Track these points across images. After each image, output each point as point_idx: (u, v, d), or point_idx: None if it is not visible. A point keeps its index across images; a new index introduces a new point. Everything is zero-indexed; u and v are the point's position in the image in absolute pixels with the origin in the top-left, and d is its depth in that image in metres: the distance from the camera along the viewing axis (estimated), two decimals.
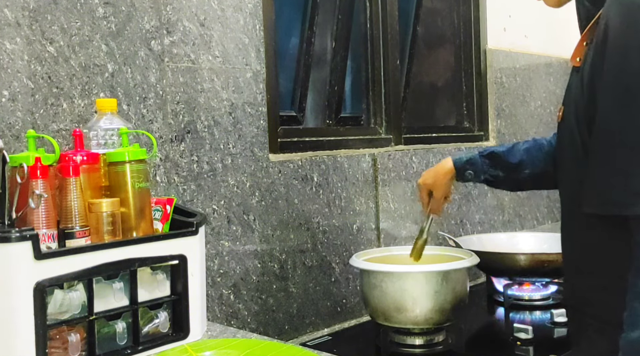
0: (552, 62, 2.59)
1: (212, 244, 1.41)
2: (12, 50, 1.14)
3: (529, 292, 1.78)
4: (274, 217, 1.54)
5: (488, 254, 1.68)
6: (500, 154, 1.39)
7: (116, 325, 1.04)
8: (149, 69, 1.32)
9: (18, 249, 0.91)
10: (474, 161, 1.40)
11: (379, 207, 1.80)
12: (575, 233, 1.08)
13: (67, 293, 0.98)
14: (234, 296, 1.46)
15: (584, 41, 1.03)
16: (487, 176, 1.40)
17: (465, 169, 1.40)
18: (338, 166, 1.70)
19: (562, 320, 1.57)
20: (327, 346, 1.46)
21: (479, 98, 2.30)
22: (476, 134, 2.28)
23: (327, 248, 1.67)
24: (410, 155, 1.92)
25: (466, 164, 1.40)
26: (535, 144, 1.38)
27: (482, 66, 2.30)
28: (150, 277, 1.09)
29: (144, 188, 1.11)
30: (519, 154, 1.37)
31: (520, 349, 1.41)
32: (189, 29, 1.39)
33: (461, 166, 1.41)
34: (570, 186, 1.07)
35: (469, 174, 1.40)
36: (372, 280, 1.42)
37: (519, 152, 1.37)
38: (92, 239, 1.04)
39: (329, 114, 1.88)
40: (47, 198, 1.01)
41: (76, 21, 1.22)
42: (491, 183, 1.44)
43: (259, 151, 1.52)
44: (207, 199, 1.41)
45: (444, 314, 1.40)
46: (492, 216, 2.23)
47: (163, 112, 1.34)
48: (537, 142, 1.38)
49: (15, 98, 1.14)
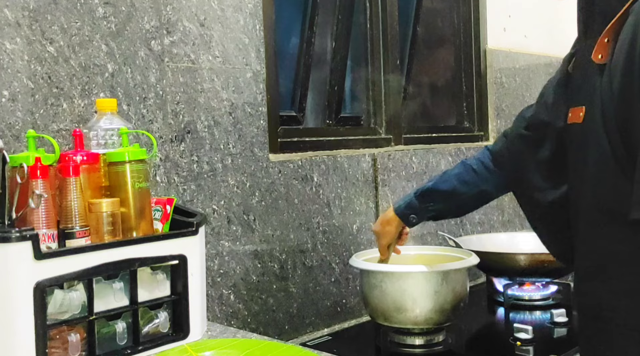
0: (552, 62, 2.58)
1: (212, 244, 1.41)
2: (12, 50, 1.14)
3: (529, 292, 1.78)
4: (274, 217, 1.54)
5: (488, 254, 1.68)
6: (432, 188, 1.38)
7: (116, 325, 1.04)
8: (149, 69, 1.32)
9: (18, 249, 0.91)
10: (412, 205, 1.39)
11: (379, 207, 1.80)
12: (596, 237, 1.04)
13: (67, 293, 0.98)
14: (234, 296, 1.46)
15: (605, 38, 0.98)
16: (431, 213, 1.39)
17: (407, 215, 1.40)
18: (338, 166, 1.70)
19: (562, 320, 1.57)
20: (327, 346, 1.46)
21: (479, 98, 2.30)
22: (476, 134, 2.28)
23: (327, 248, 1.67)
24: (410, 155, 1.92)
25: (405, 209, 1.40)
26: (464, 167, 1.37)
27: (482, 66, 2.30)
28: (150, 277, 1.09)
29: (144, 188, 1.11)
30: (450, 182, 1.37)
31: (520, 349, 1.41)
32: (189, 29, 1.39)
33: (401, 213, 1.40)
34: (593, 190, 1.03)
35: (412, 218, 1.39)
36: (372, 280, 1.42)
37: (450, 180, 1.37)
38: (92, 239, 1.04)
39: (329, 114, 1.88)
40: (47, 198, 1.01)
41: (76, 21, 1.22)
42: (437, 217, 1.44)
43: (259, 151, 1.52)
44: (207, 199, 1.41)
45: (444, 314, 1.40)
46: (492, 216, 2.23)
47: (163, 112, 1.34)
48: (466, 165, 1.37)
49: (15, 98, 1.14)
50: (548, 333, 1.54)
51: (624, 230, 0.96)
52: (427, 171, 1.96)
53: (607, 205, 0.98)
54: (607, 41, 0.97)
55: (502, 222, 2.28)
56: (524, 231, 2.30)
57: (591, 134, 1.01)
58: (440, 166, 1.99)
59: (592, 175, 1.02)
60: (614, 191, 0.96)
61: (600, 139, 0.98)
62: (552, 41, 2.59)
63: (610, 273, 1.01)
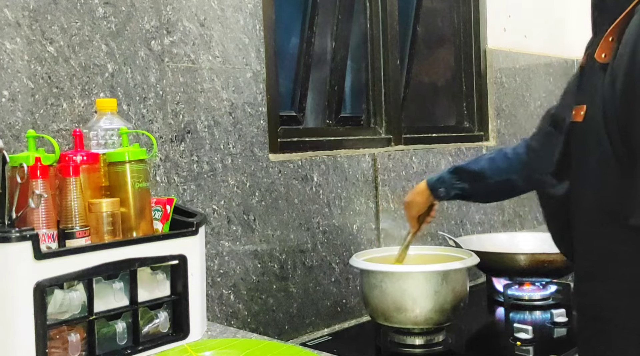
0: (552, 62, 2.59)
1: (212, 244, 1.41)
2: (12, 50, 1.14)
3: (529, 292, 1.78)
4: (274, 217, 1.54)
5: (488, 254, 1.68)
6: (463, 166, 1.48)
7: (116, 325, 1.04)
8: (149, 69, 1.32)
9: (18, 249, 0.91)
10: (443, 179, 1.48)
11: (379, 207, 1.80)
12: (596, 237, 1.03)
13: (67, 293, 0.98)
14: (234, 296, 1.46)
15: (610, 36, 0.96)
16: (456, 190, 1.47)
17: (437, 188, 1.49)
18: (338, 166, 1.70)
19: (562, 320, 1.57)
20: (327, 346, 1.46)
21: (479, 98, 2.30)
22: (476, 134, 2.28)
23: (327, 248, 1.67)
24: (410, 155, 1.92)
25: (436, 182, 1.49)
26: (499, 153, 1.43)
27: (482, 66, 2.30)
28: (150, 277, 1.09)
29: (144, 188, 1.11)
30: (481, 163, 1.44)
31: (520, 349, 1.41)
32: (189, 29, 1.39)
33: (432, 184, 1.50)
34: (593, 189, 1.02)
35: (441, 191, 1.48)
36: (372, 280, 1.42)
37: (482, 162, 1.45)
38: (92, 239, 1.04)
39: (329, 114, 1.88)
40: (47, 198, 1.01)
41: (76, 21, 1.22)
42: (462, 196, 1.51)
43: (259, 151, 1.52)
44: (207, 199, 1.41)
45: (444, 314, 1.40)
46: (492, 216, 2.23)
47: (163, 112, 1.34)
48: (501, 151, 1.43)
49: (15, 98, 1.14)
50: (548, 333, 1.54)
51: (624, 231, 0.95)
52: (427, 171, 1.96)
53: (607, 205, 0.97)
54: (612, 40, 0.96)
55: (502, 222, 2.28)
56: (524, 231, 2.31)
57: (591, 134, 1.00)
58: (440, 166, 1.99)
59: (593, 175, 1.02)
60: (614, 191, 0.96)
61: (601, 139, 0.97)
62: (552, 41, 2.59)
63: (609, 273, 1.00)
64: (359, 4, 1.94)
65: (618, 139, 0.94)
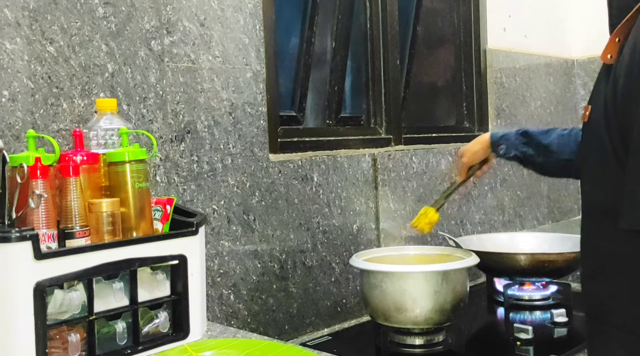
0: (552, 62, 2.59)
1: (212, 244, 1.41)
2: (12, 50, 1.14)
3: (529, 292, 1.78)
4: (274, 217, 1.54)
5: (488, 254, 1.68)
6: (534, 133, 1.45)
7: (116, 325, 1.04)
8: (149, 69, 1.32)
9: (18, 249, 0.91)
10: (508, 137, 1.47)
11: (379, 207, 1.80)
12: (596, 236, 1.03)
13: (67, 293, 0.98)
14: (234, 296, 1.46)
15: (616, 37, 0.96)
16: (518, 152, 1.45)
17: (499, 143, 1.47)
18: (338, 166, 1.70)
19: (562, 320, 1.57)
20: (327, 346, 1.46)
21: (479, 98, 2.30)
22: (476, 134, 2.27)
23: (327, 248, 1.67)
24: (410, 155, 1.92)
25: (501, 138, 1.48)
26: (571, 132, 1.41)
27: (482, 66, 2.30)
28: (150, 277, 1.09)
29: (144, 188, 1.11)
30: (552, 137, 1.42)
31: (520, 349, 1.41)
32: (189, 29, 1.39)
33: (496, 140, 1.48)
34: (594, 189, 1.03)
35: (502, 148, 1.47)
36: (372, 280, 1.42)
37: (552, 136, 1.42)
38: (92, 239, 1.04)
39: (329, 114, 1.88)
40: (47, 198, 1.01)
41: (76, 21, 1.22)
42: (521, 160, 1.49)
43: (259, 151, 1.52)
44: (207, 199, 1.41)
45: (444, 314, 1.40)
46: (492, 216, 2.23)
47: (163, 112, 1.34)
48: (573, 131, 1.41)
49: (15, 98, 1.14)
50: (548, 333, 1.54)
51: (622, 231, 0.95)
52: (427, 171, 1.96)
53: (608, 205, 0.97)
54: (618, 40, 0.96)
55: (502, 222, 2.28)
56: (524, 231, 2.31)
57: (594, 134, 1.00)
58: (440, 166, 1.99)
59: (595, 175, 1.02)
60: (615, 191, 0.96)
61: (603, 139, 0.97)
62: (552, 41, 2.59)
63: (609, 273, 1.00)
64: (359, 4, 1.94)
65: (618, 139, 0.94)
